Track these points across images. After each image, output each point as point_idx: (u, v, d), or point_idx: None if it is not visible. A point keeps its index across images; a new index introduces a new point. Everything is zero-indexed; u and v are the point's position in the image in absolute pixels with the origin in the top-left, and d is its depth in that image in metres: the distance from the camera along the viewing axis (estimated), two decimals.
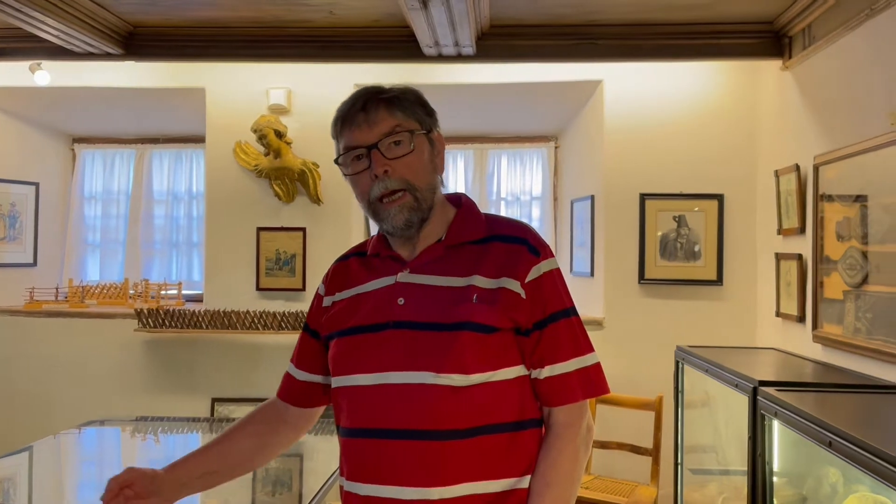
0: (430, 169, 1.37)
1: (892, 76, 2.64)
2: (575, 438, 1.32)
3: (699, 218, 3.96)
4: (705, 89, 3.97)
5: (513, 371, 1.31)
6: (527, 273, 1.32)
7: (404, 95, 1.37)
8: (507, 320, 1.29)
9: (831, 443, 1.72)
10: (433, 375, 1.26)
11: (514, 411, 1.30)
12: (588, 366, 1.34)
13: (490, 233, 1.37)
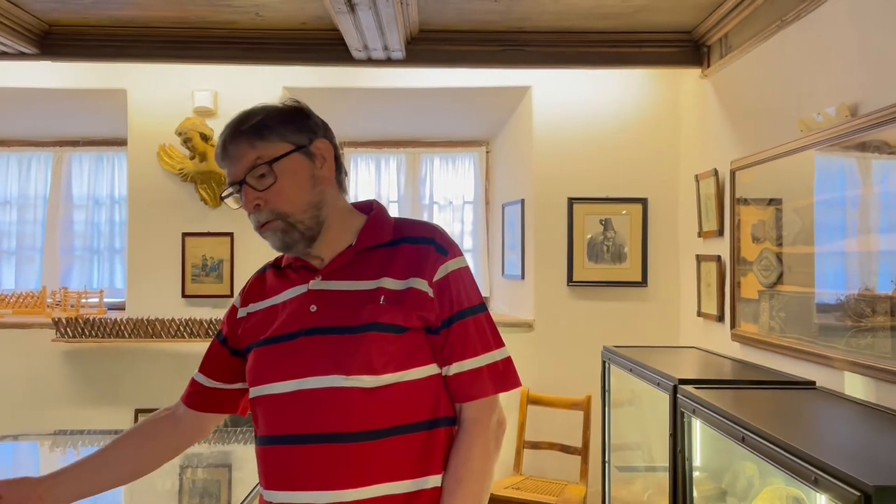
0: (307, 188, 1.35)
1: (802, 85, 2.77)
2: (485, 433, 1.34)
3: (624, 221, 4.06)
4: (630, 96, 4.08)
5: (425, 370, 1.33)
6: (434, 272, 1.34)
7: (267, 121, 1.35)
8: (416, 319, 1.32)
9: (744, 438, 1.79)
10: (343, 378, 1.28)
11: (428, 410, 1.32)
12: (498, 360, 1.36)
13: (398, 235, 1.40)
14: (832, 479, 1.39)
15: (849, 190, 2.44)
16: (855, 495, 1.31)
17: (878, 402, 2.18)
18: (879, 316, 2.23)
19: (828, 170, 2.56)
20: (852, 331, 2.37)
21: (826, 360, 2.48)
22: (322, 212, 1.36)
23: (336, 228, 1.40)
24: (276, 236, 1.36)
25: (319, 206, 1.36)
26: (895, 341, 2.16)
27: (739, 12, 3.16)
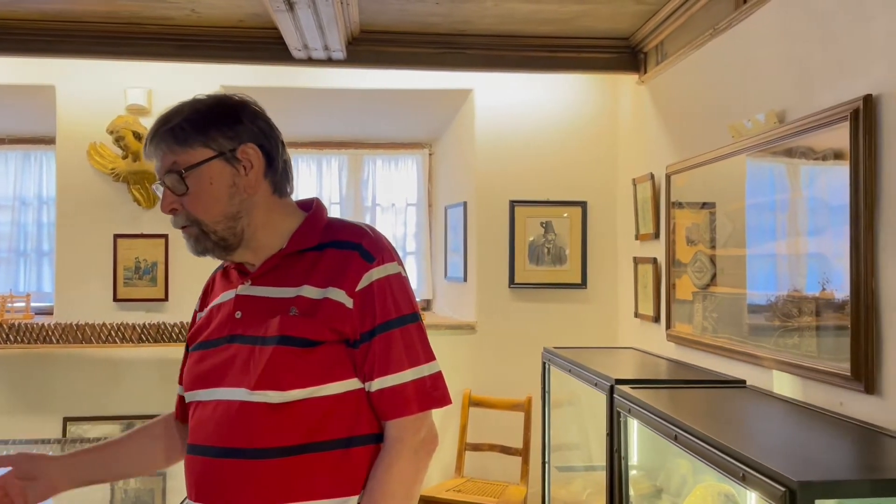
0: (223, 198, 1.27)
1: (733, 91, 2.86)
2: (406, 454, 1.26)
3: (565, 224, 4.12)
4: (570, 101, 4.14)
5: (344, 385, 1.25)
6: (357, 281, 1.26)
7: (187, 124, 1.26)
8: (330, 332, 1.24)
9: (677, 436, 1.83)
10: (248, 392, 1.23)
11: (346, 427, 1.25)
12: (425, 376, 1.28)
13: (327, 239, 1.32)
14: (759, 476, 1.43)
15: (778, 194, 2.52)
16: (780, 490, 1.35)
17: (804, 400, 2.26)
18: (806, 316, 2.31)
19: (758, 174, 2.64)
20: (780, 331, 2.45)
21: (756, 359, 2.56)
22: (240, 223, 1.29)
23: (267, 232, 1.32)
24: (189, 242, 1.31)
25: (237, 217, 1.28)
26: (820, 341, 2.24)
27: (674, 20, 3.23)
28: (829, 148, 2.20)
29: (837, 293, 2.15)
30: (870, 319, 2.01)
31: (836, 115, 2.14)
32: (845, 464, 1.63)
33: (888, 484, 1.38)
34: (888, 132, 1.98)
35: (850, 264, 2.08)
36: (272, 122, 1.36)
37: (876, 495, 1.37)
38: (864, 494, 1.37)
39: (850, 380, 2.05)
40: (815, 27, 2.31)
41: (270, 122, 1.35)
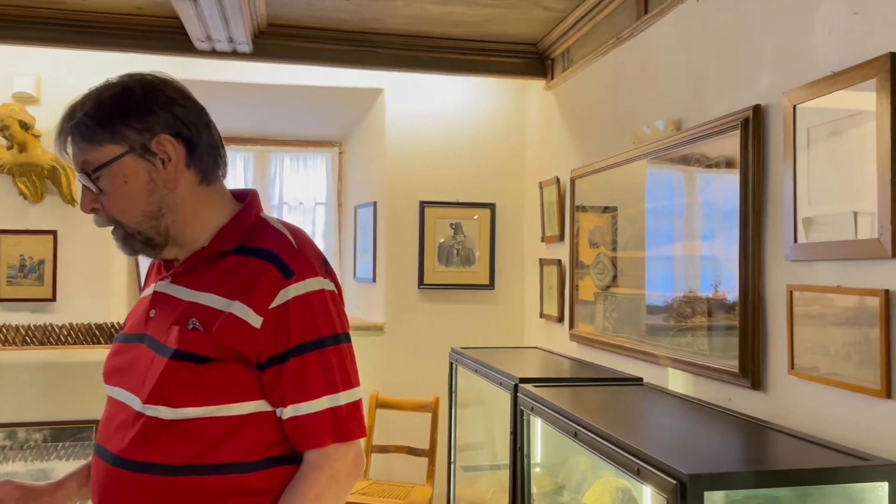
0: (141, 196, 1.17)
1: (633, 99, 2.95)
2: (321, 480, 1.15)
3: (474, 225, 4.15)
4: (480, 104, 4.18)
5: (248, 406, 1.14)
6: (270, 298, 1.14)
7: (90, 119, 1.14)
8: (227, 351, 1.13)
9: (576, 433, 1.87)
10: (140, 404, 1.14)
11: (245, 451, 1.14)
12: (342, 405, 1.17)
13: (246, 243, 1.20)
14: (652, 469, 1.47)
15: (675, 199, 2.62)
16: (672, 483, 1.40)
17: (696, 396, 2.36)
18: (699, 316, 2.41)
19: (657, 179, 2.74)
20: (675, 330, 2.55)
21: (653, 357, 2.65)
22: (163, 220, 1.18)
23: (195, 228, 1.22)
24: (118, 244, 1.22)
25: (159, 215, 1.18)
26: (711, 340, 2.34)
27: (580, 28, 3.32)
28: (721, 155, 2.31)
29: (729, 294, 2.25)
30: (756, 319, 2.12)
31: (728, 123, 2.25)
32: (733, 457, 1.71)
33: (771, 475, 1.45)
34: (774, 141, 2.09)
35: (739, 267, 2.18)
36: (194, 104, 1.24)
37: (760, 486, 1.44)
38: (749, 486, 1.43)
39: (738, 376, 2.15)
40: (711, 40, 2.42)
41: (190, 106, 1.22)
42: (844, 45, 1.83)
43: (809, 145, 1.94)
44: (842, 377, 1.78)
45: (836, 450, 1.60)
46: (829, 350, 1.83)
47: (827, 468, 1.46)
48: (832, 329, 1.83)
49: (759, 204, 2.14)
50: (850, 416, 1.76)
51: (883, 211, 1.67)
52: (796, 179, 1.97)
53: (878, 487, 1.45)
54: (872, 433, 1.69)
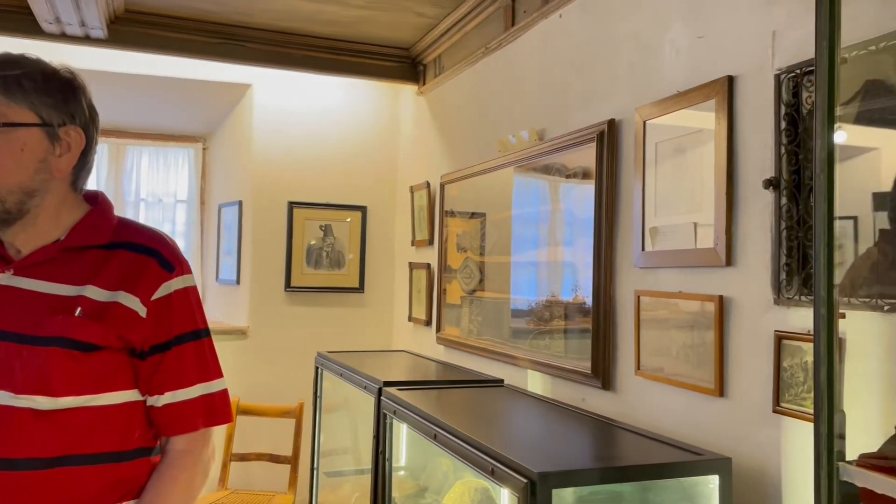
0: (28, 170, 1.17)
1: (501, 108, 3.03)
2: (194, 466, 1.25)
3: (344, 228, 4.10)
4: (354, 105, 4.14)
5: (121, 396, 1.20)
6: (154, 290, 1.20)
7: (25, 80, 1.16)
8: (116, 339, 1.17)
9: (436, 435, 1.88)
10: (10, 396, 1.11)
11: (117, 440, 1.19)
12: (214, 392, 1.27)
13: (118, 238, 1.23)
14: (505, 469, 1.51)
15: (539, 206, 2.71)
16: (522, 482, 1.43)
17: (553, 397, 2.44)
18: (557, 320, 2.51)
19: (522, 187, 2.82)
20: (535, 333, 2.63)
21: (514, 359, 2.72)
22: (31, 201, 1.19)
23: (45, 219, 1.21)
24: None
25: (31, 195, 1.18)
26: (567, 342, 2.44)
27: (451, 36, 3.37)
28: (579, 166, 2.41)
29: (586, 299, 2.35)
30: (608, 323, 2.23)
31: (586, 136, 2.35)
32: (581, 455, 1.78)
33: (614, 471, 1.53)
34: (627, 154, 2.20)
35: (592, 273, 2.29)
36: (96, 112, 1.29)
37: (604, 482, 1.51)
38: (594, 482, 1.49)
39: (591, 377, 2.25)
40: (572, 55, 2.52)
41: (96, 113, 1.28)
42: (689, 66, 1.96)
43: (657, 159, 2.06)
44: (682, 377, 1.90)
45: (675, 446, 1.70)
46: (671, 352, 1.96)
47: (664, 464, 1.55)
48: (674, 332, 1.95)
49: (611, 213, 2.25)
50: (688, 413, 1.88)
51: (719, 222, 1.81)
52: (645, 191, 2.09)
53: (710, 480, 1.56)
54: (707, 429, 1.81)
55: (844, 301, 1.43)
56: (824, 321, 1.09)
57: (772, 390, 1.60)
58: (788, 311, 1.60)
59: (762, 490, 1.63)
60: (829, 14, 1.12)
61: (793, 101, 1.63)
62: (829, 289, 1.09)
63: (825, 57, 1.11)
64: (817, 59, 1.13)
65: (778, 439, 1.60)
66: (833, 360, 1.09)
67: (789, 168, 1.62)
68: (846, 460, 1.10)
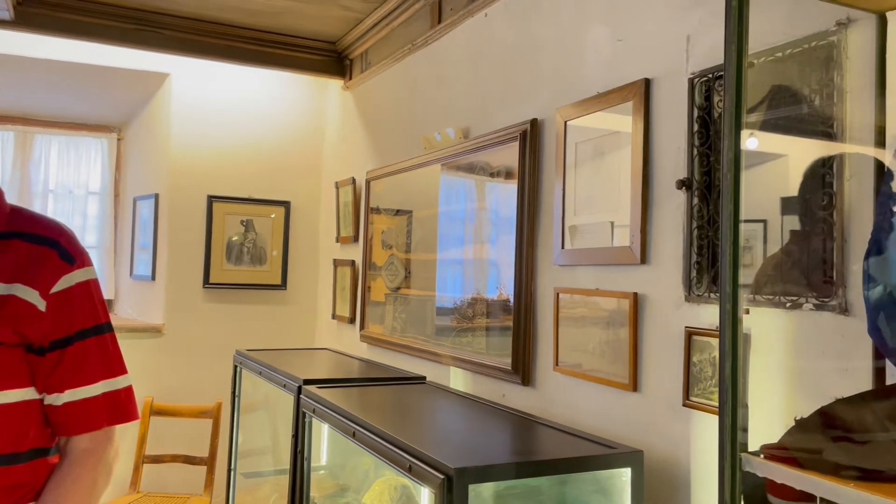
0: None
1: (427, 105, 3.02)
2: (97, 466, 1.20)
3: (267, 223, 4.01)
4: (278, 98, 4.05)
5: (16, 394, 1.13)
6: (53, 282, 1.14)
7: None
8: (12, 334, 1.11)
9: (355, 433, 1.86)
10: None
11: (10, 441, 1.12)
12: (118, 389, 1.22)
13: (13, 228, 1.16)
14: (422, 466, 1.50)
15: (465, 204, 2.72)
16: (439, 478, 1.43)
17: (475, 393, 2.45)
18: (479, 317, 2.52)
19: (448, 185, 2.83)
20: (458, 330, 2.64)
21: (437, 356, 2.72)
22: None
23: None
24: None
25: None
26: (489, 339, 2.45)
27: (378, 31, 3.34)
28: (503, 164, 2.43)
29: (510, 297, 2.37)
30: (528, 319, 2.25)
31: (509, 135, 2.37)
32: (499, 450, 1.79)
33: (530, 466, 1.54)
34: (549, 153, 2.23)
35: (514, 270, 2.31)
36: None
37: (520, 477, 1.52)
38: (510, 477, 1.50)
39: (511, 373, 2.27)
40: (497, 54, 2.54)
41: None
42: (609, 68, 2.00)
43: (577, 159, 2.10)
44: (598, 373, 1.94)
45: (590, 440, 1.73)
46: (588, 348, 1.99)
47: (579, 457, 1.57)
48: (591, 329, 1.99)
49: (533, 212, 2.28)
50: (604, 408, 1.92)
51: (634, 222, 1.85)
52: (565, 190, 2.13)
53: (623, 473, 1.60)
54: (621, 423, 1.85)
55: (750, 298, 1.49)
56: (729, 317, 1.12)
57: (682, 385, 1.66)
58: (698, 307, 1.65)
59: (673, 481, 1.68)
60: (737, 20, 1.16)
61: (705, 104, 1.68)
62: (735, 285, 1.13)
63: (733, 61, 1.15)
64: (726, 63, 1.16)
65: (687, 432, 1.65)
66: (737, 355, 1.13)
67: (701, 169, 1.68)
68: (749, 451, 1.14)
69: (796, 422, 1.14)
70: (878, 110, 1.28)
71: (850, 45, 1.35)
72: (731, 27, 1.16)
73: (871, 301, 1.21)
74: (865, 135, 1.31)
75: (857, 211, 1.32)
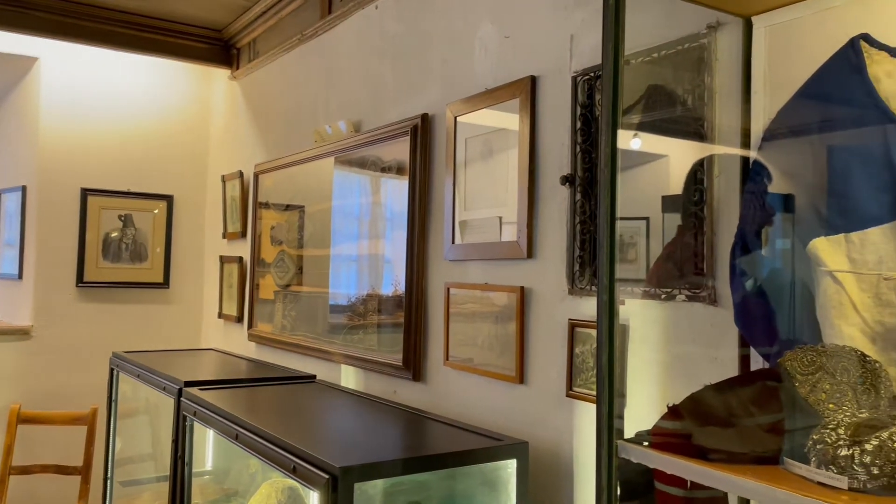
0: None
1: (317, 97, 2.96)
2: None
3: (148, 218, 3.81)
4: (160, 87, 3.85)
5: None
6: None
7: None
8: None
9: (238, 435, 1.79)
10: None
11: None
12: None
13: None
14: (307, 466, 1.46)
15: (359, 199, 2.67)
16: (324, 478, 1.39)
17: (366, 391, 2.42)
18: (373, 314, 2.49)
19: (342, 179, 2.77)
20: (349, 327, 2.60)
21: (327, 354, 2.67)
22: None
23: None
24: None
25: None
26: (381, 336, 2.43)
27: (266, 20, 3.24)
28: (394, 159, 2.41)
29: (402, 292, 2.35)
30: (419, 314, 2.25)
31: (400, 129, 2.36)
32: (388, 447, 1.77)
33: (416, 462, 1.53)
34: (440, 148, 2.23)
35: (405, 266, 2.29)
36: None
37: (407, 473, 1.51)
38: (397, 473, 1.49)
39: (402, 369, 2.26)
40: (388, 47, 2.51)
41: None
42: (497, 65, 2.01)
43: (467, 154, 2.11)
44: (487, 366, 1.95)
45: (478, 433, 1.74)
46: (477, 342, 2.01)
47: (464, 451, 1.58)
48: (481, 323, 2.00)
49: (424, 207, 2.27)
50: (492, 401, 1.94)
51: (521, 217, 1.87)
52: (455, 185, 2.13)
53: (509, 465, 1.62)
54: (509, 415, 1.88)
55: (628, 291, 1.54)
56: (606, 308, 1.15)
57: (566, 376, 1.69)
58: (581, 300, 1.69)
59: (557, 470, 1.71)
60: (614, 20, 1.18)
61: (587, 102, 1.72)
62: (611, 277, 1.16)
63: (610, 59, 1.18)
64: (603, 61, 1.19)
65: (571, 422, 1.69)
66: (613, 345, 1.16)
67: (583, 166, 1.72)
68: (625, 438, 1.17)
69: (669, 408, 1.18)
70: (743, 112, 1.34)
71: (720, 47, 1.41)
72: (609, 26, 1.19)
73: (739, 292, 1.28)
74: (732, 135, 1.38)
75: (725, 207, 1.39)
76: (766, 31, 1.30)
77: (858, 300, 1.12)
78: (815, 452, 0.98)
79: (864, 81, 1.14)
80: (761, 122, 1.29)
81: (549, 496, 1.73)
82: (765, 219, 1.22)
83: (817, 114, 1.20)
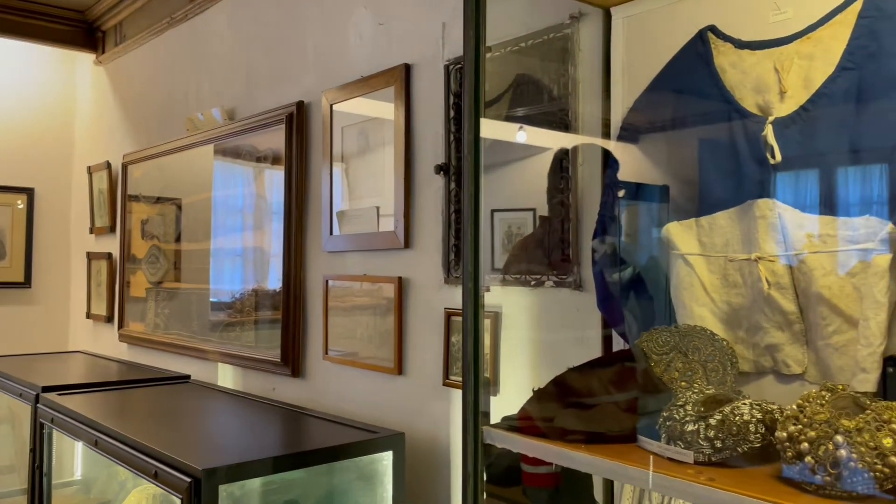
0: None
1: (189, 84, 2.82)
2: None
3: (6, 213, 3.53)
4: (17, 71, 3.56)
5: None
6: None
7: None
8: None
9: (97, 442, 1.68)
10: None
11: None
12: None
13: None
14: (168, 470, 1.39)
15: (236, 190, 2.56)
16: (186, 482, 1.33)
17: (244, 389, 2.34)
18: (253, 310, 2.40)
19: (221, 169, 2.65)
20: (226, 324, 2.50)
21: (203, 353, 2.56)
22: None
23: None
24: None
25: None
26: (259, 332, 2.35)
27: (133, 1, 3.06)
28: (269, 148, 2.33)
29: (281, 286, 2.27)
30: (298, 309, 2.19)
31: (275, 117, 2.28)
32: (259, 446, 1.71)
33: (287, 459, 1.48)
34: (316, 137, 2.17)
35: (283, 259, 2.23)
36: None
37: (277, 471, 1.46)
38: (266, 472, 1.43)
39: (281, 365, 2.19)
40: (261, 33, 2.42)
41: None
42: (372, 52, 1.98)
43: (344, 143, 2.06)
44: (366, 359, 1.93)
45: (355, 427, 1.71)
46: (356, 334, 1.97)
47: (337, 446, 1.54)
48: (360, 315, 1.97)
49: (301, 197, 2.21)
50: (372, 393, 1.91)
51: (398, 206, 1.85)
52: (332, 175, 2.08)
53: (384, 457, 1.60)
54: (388, 407, 1.86)
55: (500, 278, 1.55)
56: (471, 295, 1.15)
57: (442, 365, 1.69)
58: (456, 289, 1.69)
59: (435, 459, 1.71)
60: (475, 6, 1.18)
61: (459, 90, 1.72)
62: (475, 265, 1.16)
63: (472, 46, 1.18)
64: (465, 49, 1.18)
65: (448, 411, 1.69)
66: (478, 332, 1.16)
67: (457, 155, 1.72)
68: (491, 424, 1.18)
69: (534, 392, 1.19)
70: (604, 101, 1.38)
71: (582, 38, 1.44)
72: (470, 13, 1.18)
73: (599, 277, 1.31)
74: (595, 124, 1.41)
75: (588, 195, 1.42)
76: (624, 21, 1.34)
77: (708, 281, 1.18)
78: (665, 429, 1.01)
79: (711, 72, 1.19)
80: (620, 111, 1.32)
81: (426, 486, 1.72)
82: (621, 206, 1.25)
83: (669, 103, 1.24)
